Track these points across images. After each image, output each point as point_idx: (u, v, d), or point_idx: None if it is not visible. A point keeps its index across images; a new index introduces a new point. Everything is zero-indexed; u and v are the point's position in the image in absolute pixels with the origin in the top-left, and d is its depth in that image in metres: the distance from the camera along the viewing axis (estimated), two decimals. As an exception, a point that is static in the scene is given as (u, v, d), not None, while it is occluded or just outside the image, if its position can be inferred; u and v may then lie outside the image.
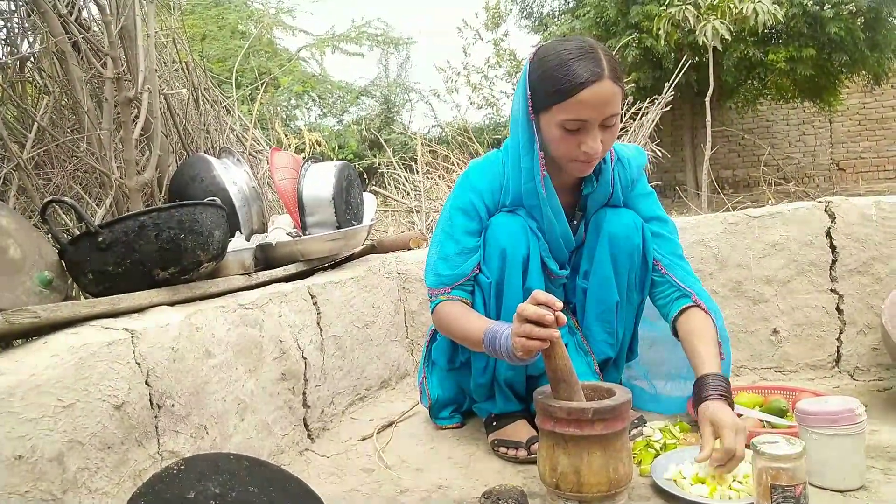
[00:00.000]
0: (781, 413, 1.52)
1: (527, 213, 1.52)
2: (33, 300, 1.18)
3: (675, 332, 1.51)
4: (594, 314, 1.57)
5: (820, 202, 1.96)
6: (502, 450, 1.50)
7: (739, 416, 1.52)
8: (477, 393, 1.60)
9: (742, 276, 1.98)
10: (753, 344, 1.98)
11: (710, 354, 1.38)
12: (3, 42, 2.14)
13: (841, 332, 1.92)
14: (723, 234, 2.00)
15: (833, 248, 1.92)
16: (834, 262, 1.92)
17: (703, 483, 1.23)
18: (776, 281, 1.96)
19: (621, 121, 5.59)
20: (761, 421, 1.49)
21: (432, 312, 1.54)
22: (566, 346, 1.31)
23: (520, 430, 1.52)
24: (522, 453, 1.47)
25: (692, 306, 1.49)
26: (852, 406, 1.22)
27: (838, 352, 1.92)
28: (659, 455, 1.38)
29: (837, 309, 1.93)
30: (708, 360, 1.37)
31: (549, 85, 1.39)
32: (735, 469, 1.22)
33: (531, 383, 1.53)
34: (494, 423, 1.57)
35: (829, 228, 1.92)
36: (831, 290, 1.93)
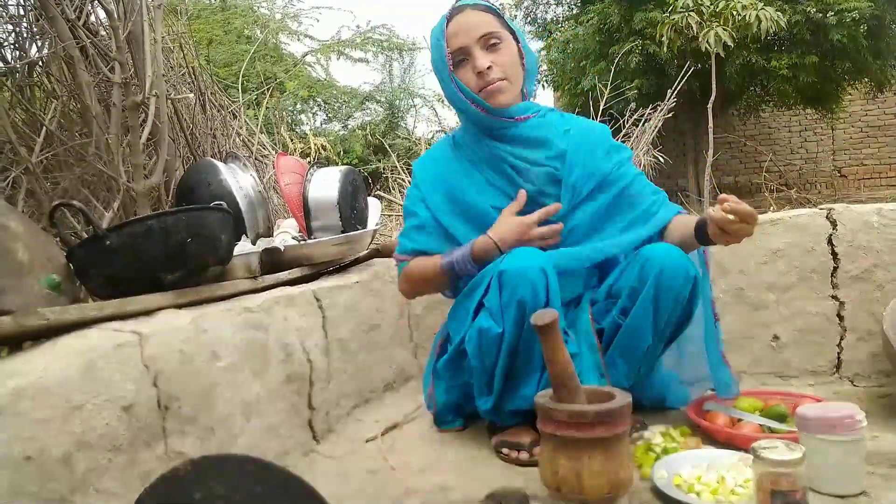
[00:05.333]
0: (782, 418, 1.53)
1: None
2: (41, 303, 1.19)
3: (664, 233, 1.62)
4: (621, 351, 1.54)
5: (821, 209, 1.97)
6: (505, 451, 1.51)
7: (739, 420, 1.53)
8: (484, 413, 1.60)
9: (743, 282, 1.99)
10: (754, 350, 1.99)
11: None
12: (12, 47, 2.16)
13: (842, 339, 1.93)
14: (725, 240, 2.00)
15: (834, 254, 1.93)
16: (835, 268, 1.93)
17: (705, 487, 1.24)
18: (777, 287, 1.97)
19: (623, 126, 5.65)
20: (761, 426, 1.50)
21: (399, 276, 1.70)
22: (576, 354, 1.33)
23: (522, 433, 1.53)
24: (524, 455, 1.47)
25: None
26: (852, 412, 1.23)
27: (839, 358, 1.93)
28: (660, 459, 1.39)
29: (838, 315, 1.93)
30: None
31: (436, 40, 1.61)
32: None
33: None
34: (498, 426, 1.58)
35: (831, 235, 1.93)
36: (832, 297, 1.94)
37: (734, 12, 7.55)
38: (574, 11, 11.83)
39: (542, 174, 1.62)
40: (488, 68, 1.56)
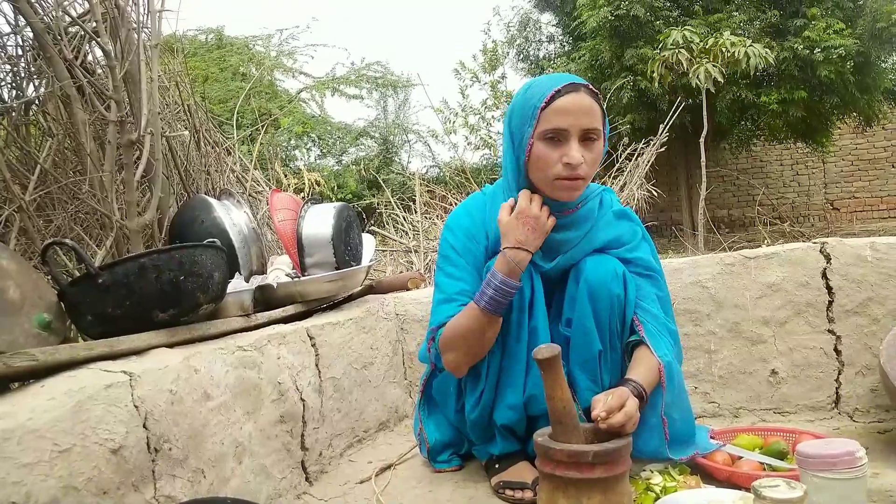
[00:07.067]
0: (782, 455, 1.51)
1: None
2: (31, 342, 1.18)
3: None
4: (577, 363, 1.52)
5: (815, 243, 1.98)
6: (508, 492, 1.48)
7: (740, 458, 1.51)
8: (474, 433, 1.59)
9: (739, 316, 1.99)
10: (752, 385, 1.98)
11: (640, 370, 1.45)
12: (8, 86, 2.17)
13: (839, 373, 1.92)
14: (719, 274, 2.01)
15: (829, 288, 1.93)
16: (830, 302, 1.93)
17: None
18: (773, 322, 1.96)
19: (617, 161, 5.71)
20: (762, 464, 1.48)
21: (436, 343, 1.53)
22: None
23: (524, 472, 1.50)
24: (528, 494, 1.44)
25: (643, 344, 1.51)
26: (852, 449, 1.21)
27: (837, 393, 1.92)
28: (659, 499, 1.36)
29: (835, 350, 1.92)
30: (635, 373, 1.44)
31: (530, 102, 1.46)
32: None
33: (531, 424, 1.52)
34: (497, 466, 1.55)
35: (825, 269, 1.93)
36: (829, 331, 1.93)
37: (723, 49, 7.70)
38: (566, 48, 12.05)
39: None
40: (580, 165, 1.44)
